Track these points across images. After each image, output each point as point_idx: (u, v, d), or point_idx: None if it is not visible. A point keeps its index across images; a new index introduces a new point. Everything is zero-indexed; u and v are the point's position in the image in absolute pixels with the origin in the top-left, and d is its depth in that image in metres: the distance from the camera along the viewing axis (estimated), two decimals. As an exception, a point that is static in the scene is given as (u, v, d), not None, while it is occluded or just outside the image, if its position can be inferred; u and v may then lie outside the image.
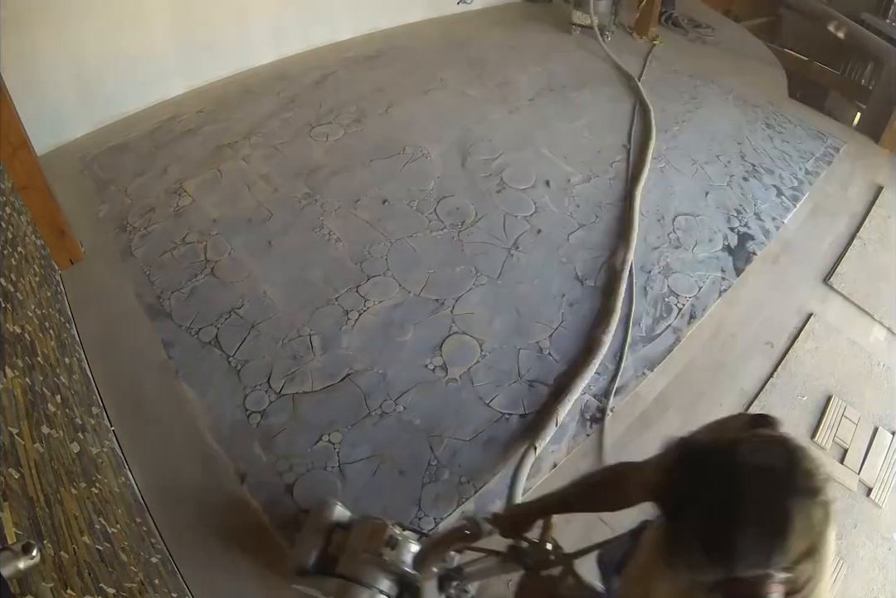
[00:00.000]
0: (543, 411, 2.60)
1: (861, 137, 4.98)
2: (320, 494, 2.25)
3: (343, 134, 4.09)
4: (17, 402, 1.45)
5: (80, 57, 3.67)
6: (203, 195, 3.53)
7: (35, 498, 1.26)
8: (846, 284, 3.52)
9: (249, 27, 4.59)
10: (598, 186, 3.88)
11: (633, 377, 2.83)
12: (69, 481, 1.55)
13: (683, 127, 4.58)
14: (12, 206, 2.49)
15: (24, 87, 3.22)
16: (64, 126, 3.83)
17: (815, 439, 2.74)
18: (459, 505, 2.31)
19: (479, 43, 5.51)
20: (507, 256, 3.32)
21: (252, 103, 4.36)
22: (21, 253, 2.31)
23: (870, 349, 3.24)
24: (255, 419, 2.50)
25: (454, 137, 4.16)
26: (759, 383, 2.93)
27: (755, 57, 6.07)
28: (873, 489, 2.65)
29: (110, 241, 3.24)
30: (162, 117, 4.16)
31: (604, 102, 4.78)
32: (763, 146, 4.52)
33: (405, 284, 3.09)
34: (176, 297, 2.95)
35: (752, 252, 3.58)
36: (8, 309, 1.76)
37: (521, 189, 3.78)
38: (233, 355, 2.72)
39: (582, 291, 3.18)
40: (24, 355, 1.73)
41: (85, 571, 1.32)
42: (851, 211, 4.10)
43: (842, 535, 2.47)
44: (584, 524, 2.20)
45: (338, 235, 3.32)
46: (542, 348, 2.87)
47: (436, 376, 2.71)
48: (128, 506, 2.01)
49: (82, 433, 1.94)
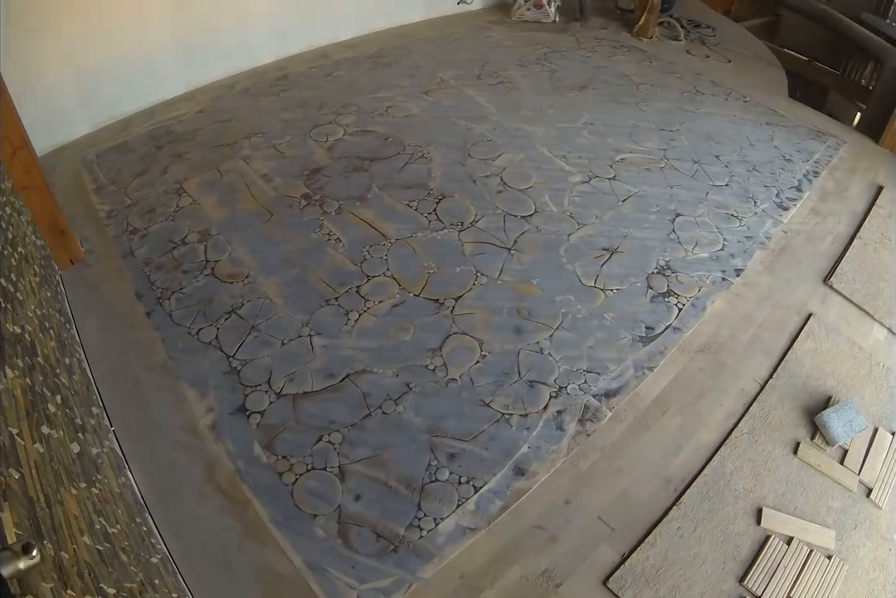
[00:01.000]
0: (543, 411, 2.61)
1: (861, 137, 4.97)
2: (320, 494, 2.26)
3: (343, 134, 4.09)
4: (18, 402, 1.45)
5: (80, 57, 3.68)
6: (203, 195, 3.53)
7: (35, 498, 1.26)
8: (846, 284, 3.52)
9: (249, 27, 4.59)
10: (598, 186, 3.88)
11: (633, 377, 2.83)
12: (69, 481, 1.55)
13: (683, 127, 4.58)
14: (12, 206, 2.49)
15: (24, 87, 3.22)
16: (64, 126, 3.84)
17: (814, 439, 2.74)
18: (459, 506, 2.31)
19: (478, 43, 5.52)
20: (507, 256, 3.32)
21: (252, 103, 4.36)
22: (21, 253, 2.31)
23: (870, 349, 3.23)
24: (255, 420, 2.50)
25: (454, 136, 4.16)
26: (759, 384, 2.93)
27: (755, 57, 6.07)
28: (873, 490, 2.65)
29: (110, 241, 3.24)
30: (162, 117, 4.16)
31: (604, 102, 4.78)
32: (763, 146, 4.52)
33: (405, 284, 3.10)
34: (176, 297, 2.95)
35: (751, 252, 3.58)
36: (8, 309, 1.76)
37: (521, 189, 3.78)
38: (233, 355, 2.72)
39: (582, 290, 3.18)
40: (25, 355, 1.73)
41: (85, 571, 1.32)
42: (851, 211, 4.09)
43: (842, 536, 2.47)
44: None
45: (338, 236, 3.33)
46: (543, 348, 2.87)
47: (436, 377, 2.71)
48: (128, 506, 2.01)
49: (82, 434, 1.94)
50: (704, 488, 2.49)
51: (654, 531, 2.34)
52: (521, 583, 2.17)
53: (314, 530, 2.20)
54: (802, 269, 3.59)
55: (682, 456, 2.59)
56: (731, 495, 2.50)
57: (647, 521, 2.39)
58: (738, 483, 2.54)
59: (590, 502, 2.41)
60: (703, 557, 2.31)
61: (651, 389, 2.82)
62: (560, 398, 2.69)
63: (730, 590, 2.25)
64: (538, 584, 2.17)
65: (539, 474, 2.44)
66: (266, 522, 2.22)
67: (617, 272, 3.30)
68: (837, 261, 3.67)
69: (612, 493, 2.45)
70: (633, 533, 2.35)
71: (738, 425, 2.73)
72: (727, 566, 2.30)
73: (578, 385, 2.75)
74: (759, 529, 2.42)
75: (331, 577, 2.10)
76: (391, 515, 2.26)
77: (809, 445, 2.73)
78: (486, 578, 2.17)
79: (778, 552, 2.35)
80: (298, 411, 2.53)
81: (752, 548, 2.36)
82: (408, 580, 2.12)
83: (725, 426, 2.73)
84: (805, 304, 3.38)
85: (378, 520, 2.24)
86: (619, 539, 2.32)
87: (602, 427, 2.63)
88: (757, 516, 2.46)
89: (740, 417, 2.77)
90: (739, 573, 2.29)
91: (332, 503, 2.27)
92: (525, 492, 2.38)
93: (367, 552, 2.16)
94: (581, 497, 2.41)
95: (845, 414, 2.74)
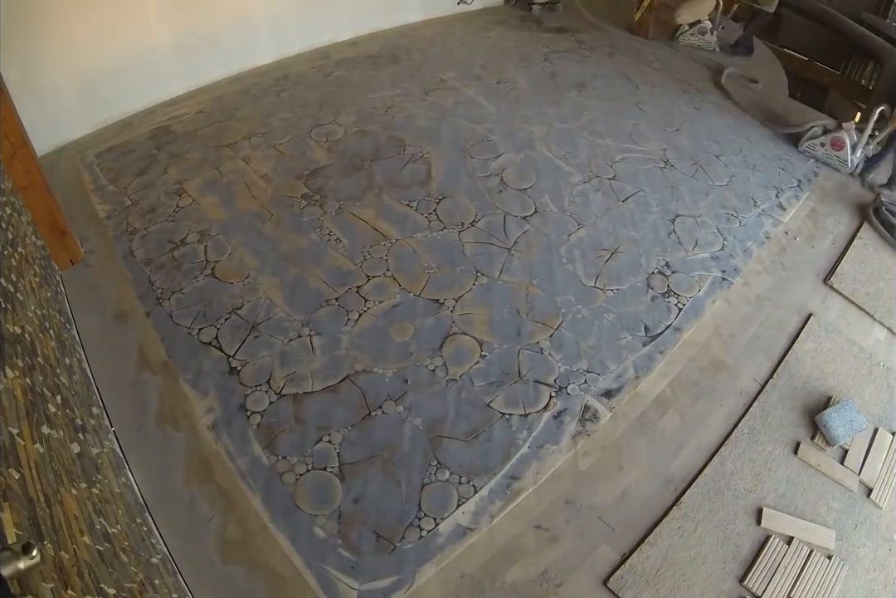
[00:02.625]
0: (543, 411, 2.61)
1: (861, 137, 4.96)
2: (320, 494, 2.26)
3: (343, 134, 4.09)
4: (18, 402, 1.45)
5: (80, 57, 3.68)
6: (203, 195, 3.53)
7: (35, 498, 1.26)
8: (846, 284, 3.52)
9: (249, 27, 4.59)
10: (598, 186, 3.87)
11: (633, 377, 2.83)
12: (69, 481, 1.55)
13: (683, 127, 4.58)
14: (12, 206, 2.49)
15: (24, 87, 3.22)
16: (64, 126, 3.84)
17: (814, 440, 2.74)
18: (459, 506, 2.31)
19: (478, 43, 5.52)
20: (507, 256, 3.32)
21: (252, 103, 4.36)
22: (21, 253, 2.30)
23: (870, 349, 3.23)
24: (255, 420, 2.50)
25: (454, 136, 4.16)
26: (759, 384, 2.93)
27: (755, 57, 6.07)
28: (874, 490, 2.65)
29: (110, 241, 3.24)
30: (162, 117, 4.16)
31: (604, 102, 4.78)
32: (763, 146, 4.52)
33: (405, 284, 3.09)
34: (176, 297, 2.95)
35: (751, 252, 3.58)
36: (8, 309, 1.76)
37: (521, 189, 3.78)
38: (233, 355, 2.72)
39: (582, 290, 3.18)
40: (25, 355, 1.73)
41: (85, 571, 1.32)
42: (851, 211, 4.10)
43: (842, 536, 2.47)
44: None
45: (338, 236, 3.32)
46: (543, 348, 2.87)
47: (436, 377, 2.71)
48: (128, 506, 2.01)
49: (83, 434, 1.94)
50: (705, 489, 2.49)
51: (655, 530, 2.34)
52: (521, 583, 2.17)
53: (314, 530, 2.20)
54: (802, 269, 3.59)
55: (683, 456, 2.59)
56: (731, 495, 2.50)
57: (648, 521, 2.39)
58: (738, 483, 2.54)
59: (590, 502, 2.41)
60: (704, 557, 2.31)
61: (651, 389, 2.82)
62: (560, 398, 2.69)
63: (730, 590, 2.25)
64: (538, 584, 2.17)
65: (539, 474, 2.44)
66: (266, 522, 2.22)
67: (617, 272, 3.30)
68: (837, 261, 3.67)
69: (612, 493, 2.45)
70: (633, 533, 2.35)
71: (739, 425, 2.73)
72: (727, 566, 2.30)
73: (578, 385, 2.75)
74: (759, 529, 2.43)
75: (331, 577, 2.10)
76: (391, 515, 2.26)
77: (810, 445, 2.73)
78: (486, 578, 2.17)
79: (778, 552, 2.35)
80: (298, 411, 2.53)
81: (752, 548, 2.36)
82: (408, 580, 2.12)
83: (725, 426, 2.73)
84: (805, 304, 3.38)
85: (378, 520, 2.24)
86: (619, 539, 2.32)
87: (602, 427, 2.63)
88: (757, 516, 2.46)
89: (740, 417, 2.77)
90: (740, 573, 2.29)
91: (332, 503, 2.27)
92: (525, 492, 2.39)
93: (367, 552, 2.17)
94: (581, 497, 2.41)
95: (846, 414, 2.74)
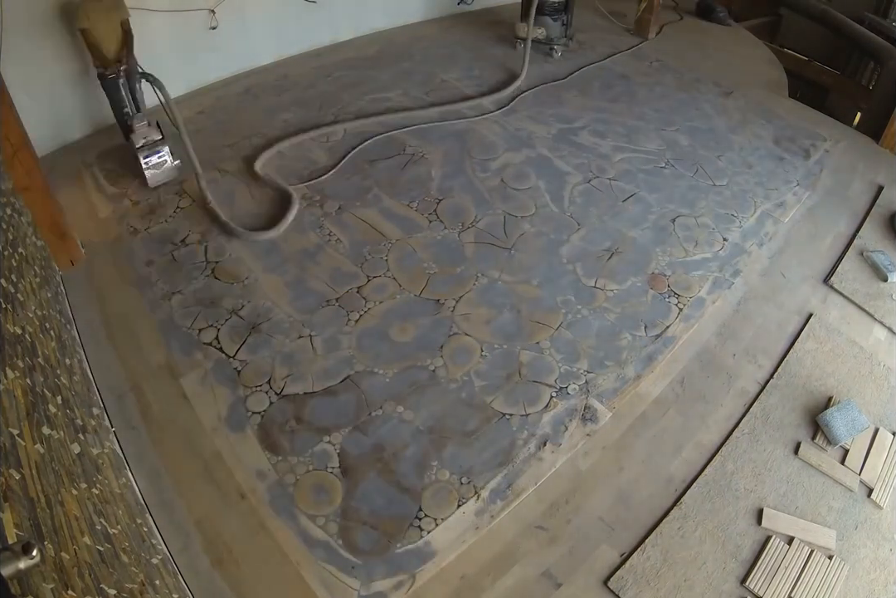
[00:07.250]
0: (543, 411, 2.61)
1: (861, 137, 4.97)
2: (321, 494, 2.26)
3: (343, 134, 4.09)
4: (18, 403, 1.45)
5: (80, 58, 3.67)
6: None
7: (36, 499, 1.26)
8: (846, 284, 3.52)
9: (249, 27, 4.59)
10: (598, 186, 3.87)
11: (633, 377, 2.83)
12: (70, 481, 1.55)
13: (683, 127, 4.57)
14: (13, 207, 2.49)
15: (25, 87, 3.22)
16: (64, 127, 3.83)
17: (815, 440, 2.74)
18: (460, 506, 2.31)
19: (478, 43, 5.51)
20: (507, 256, 3.32)
21: (252, 103, 4.36)
22: (21, 254, 2.31)
23: (870, 349, 3.23)
24: (255, 420, 2.50)
25: (454, 137, 4.16)
26: (759, 384, 2.93)
27: (755, 57, 6.06)
28: (874, 490, 2.64)
29: (111, 242, 3.24)
30: (162, 118, 4.15)
31: (604, 102, 4.77)
32: (763, 146, 4.51)
33: (405, 284, 3.09)
34: (176, 298, 2.95)
35: (751, 252, 3.58)
36: (8, 310, 1.76)
37: (521, 189, 3.78)
38: (233, 355, 2.72)
39: (582, 290, 3.18)
40: (25, 356, 1.73)
41: (86, 572, 1.32)
42: (851, 211, 4.09)
43: (843, 536, 2.47)
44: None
45: (338, 236, 3.32)
46: (543, 348, 2.87)
47: (436, 377, 2.71)
48: (128, 507, 2.01)
49: (83, 434, 1.94)
50: (705, 489, 2.49)
51: (655, 531, 2.34)
52: (521, 583, 2.17)
53: (314, 530, 2.20)
54: (802, 269, 3.59)
55: (683, 456, 2.59)
56: (731, 495, 2.50)
57: (648, 521, 2.39)
58: (738, 483, 2.54)
59: (590, 501, 2.41)
60: (704, 557, 2.31)
61: (651, 389, 2.82)
62: (561, 398, 2.69)
63: (731, 590, 2.25)
64: (538, 584, 2.17)
65: (539, 474, 2.44)
66: (266, 522, 2.22)
67: (617, 272, 3.30)
68: (837, 261, 3.67)
69: (613, 493, 2.45)
70: (633, 533, 2.35)
71: (739, 425, 2.73)
72: (728, 566, 2.30)
73: (579, 385, 2.75)
74: (760, 529, 2.42)
75: (331, 577, 2.10)
76: (391, 515, 2.26)
77: (810, 445, 2.73)
78: (486, 578, 2.17)
79: (779, 553, 2.35)
80: (299, 411, 2.53)
81: (753, 548, 2.36)
82: (408, 580, 2.12)
83: (726, 426, 2.73)
84: (805, 304, 3.37)
85: (378, 521, 2.24)
86: (620, 539, 2.32)
87: (602, 427, 2.63)
88: (758, 516, 2.46)
89: (741, 417, 2.77)
90: (740, 574, 2.29)
91: (333, 503, 2.27)
92: (525, 492, 2.39)
93: (368, 552, 2.17)
94: (581, 497, 2.41)
95: (848, 414, 2.74)
